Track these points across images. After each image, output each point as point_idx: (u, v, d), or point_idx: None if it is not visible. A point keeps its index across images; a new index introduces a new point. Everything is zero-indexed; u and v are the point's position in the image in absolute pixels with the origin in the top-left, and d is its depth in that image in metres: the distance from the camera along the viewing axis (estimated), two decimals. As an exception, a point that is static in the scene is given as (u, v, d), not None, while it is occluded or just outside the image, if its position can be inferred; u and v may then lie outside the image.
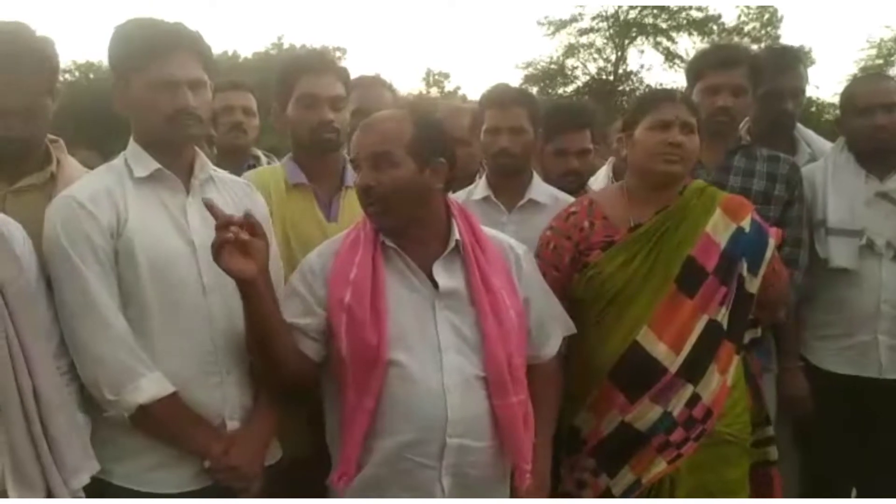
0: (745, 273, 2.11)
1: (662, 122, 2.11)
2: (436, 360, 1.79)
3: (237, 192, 2.00)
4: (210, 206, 1.69)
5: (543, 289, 2.04)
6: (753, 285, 2.13)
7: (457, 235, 1.87)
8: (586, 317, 2.15)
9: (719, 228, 2.11)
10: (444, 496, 1.79)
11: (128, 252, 1.77)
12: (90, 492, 1.70)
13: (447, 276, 1.85)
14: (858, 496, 2.77)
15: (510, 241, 2.02)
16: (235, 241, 1.65)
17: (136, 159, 1.85)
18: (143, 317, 1.78)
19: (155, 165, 1.84)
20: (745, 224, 2.12)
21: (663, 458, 2.07)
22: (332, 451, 1.90)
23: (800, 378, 2.68)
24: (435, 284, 1.84)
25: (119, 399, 1.73)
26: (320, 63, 2.31)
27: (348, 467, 1.78)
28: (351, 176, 2.31)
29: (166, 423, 1.78)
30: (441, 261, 1.85)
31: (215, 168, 2.00)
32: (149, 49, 1.81)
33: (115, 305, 1.76)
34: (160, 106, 1.80)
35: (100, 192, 1.79)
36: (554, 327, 2.04)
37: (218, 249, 1.65)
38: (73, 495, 1.63)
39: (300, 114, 2.26)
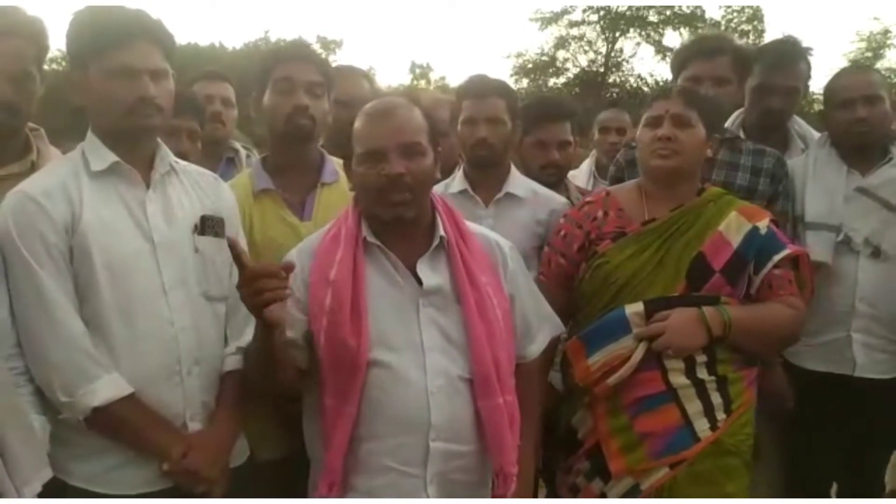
0: (751, 274, 2.08)
1: (653, 118, 2.13)
2: (419, 360, 1.74)
3: (203, 185, 1.94)
4: (233, 246, 1.60)
5: (530, 287, 1.99)
6: (753, 286, 2.09)
7: (441, 231, 1.81)
8: (591, 310, 2.11)
9: (732, 228, 2.08)
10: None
11: (82, 249, 1.71)
12: (49, 493, 1.64)
13: (432, 274, 1.79)
14: (839, 495, 2.75)
15: (497, 238, 1.96)
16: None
17: (93, 151, 1.80)
18: (100, 316, 1.73)
19: (113, 158, 1.78)
20: (761, 225, 2.09)
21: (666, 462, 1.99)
22: (311, 455, 1.85)
23: (778, 373, 2.63)
24: (419, 282, 1.78)
25: (73, 401, 1.68)
26: (297, 51, 2.33)
27: (334, 475, 1.72)
28: (330, 173, 2.26)
29: (124, 425, 1.73)
30: (426, 258, 1.80)
31: (178, 160, 1.94)
32: (108, 37, 1.75)
33: (70, 305, 1.71)
34: (119, 95, 1.75)
35: (54, 187, 1.74)
36: (540, 327, 1.98)
37: (264, 304, 1.56)
38: None
39: (275, 99, 2.20)
